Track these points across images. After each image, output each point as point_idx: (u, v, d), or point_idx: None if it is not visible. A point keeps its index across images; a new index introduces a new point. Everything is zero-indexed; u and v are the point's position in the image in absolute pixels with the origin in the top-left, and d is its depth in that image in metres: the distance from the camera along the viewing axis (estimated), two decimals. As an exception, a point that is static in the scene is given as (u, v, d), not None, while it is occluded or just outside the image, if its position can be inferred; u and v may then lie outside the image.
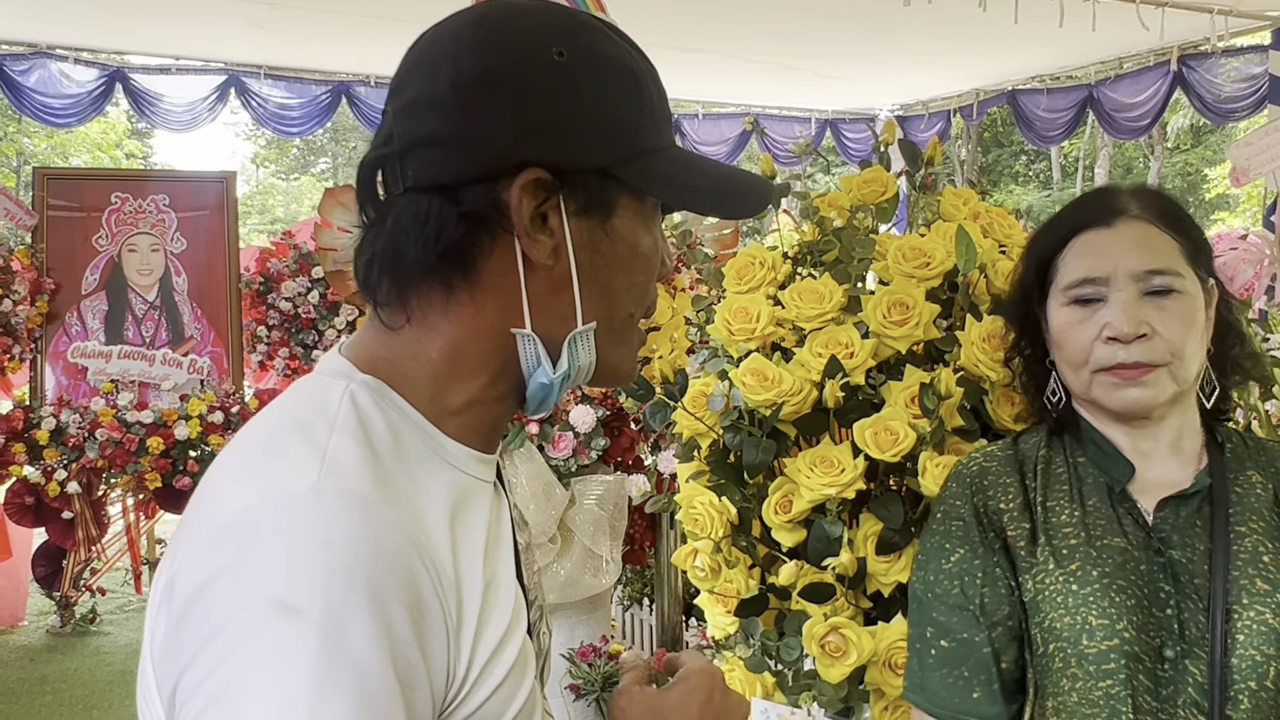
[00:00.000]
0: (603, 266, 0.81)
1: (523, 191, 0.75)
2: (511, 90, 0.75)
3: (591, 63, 0.78)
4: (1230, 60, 6.60)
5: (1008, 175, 20.19)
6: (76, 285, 4.64)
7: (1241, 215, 15.29)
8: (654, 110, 0.82)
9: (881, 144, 1.85)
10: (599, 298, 0.81)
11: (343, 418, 0.74)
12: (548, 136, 0.76)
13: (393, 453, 0.75)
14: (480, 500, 0.81)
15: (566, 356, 0.81)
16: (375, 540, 0.67)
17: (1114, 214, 1.24)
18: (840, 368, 1.50)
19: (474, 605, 0.74)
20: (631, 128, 0.80)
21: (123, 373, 4.60)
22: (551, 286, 0.80)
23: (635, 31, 0.88)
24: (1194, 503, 1.20)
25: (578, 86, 0.77)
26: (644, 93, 0.81)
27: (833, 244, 1.69)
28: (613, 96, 0.78)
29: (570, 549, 2.83)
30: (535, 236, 0.77)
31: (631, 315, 0.85)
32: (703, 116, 8.47)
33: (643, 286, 0.85)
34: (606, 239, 0.80)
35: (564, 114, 0.76)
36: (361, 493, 0.69)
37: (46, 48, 6.47)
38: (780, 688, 1.59)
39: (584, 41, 0.79)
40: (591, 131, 0.78)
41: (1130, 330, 1.18)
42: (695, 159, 0.86)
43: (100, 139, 16.90)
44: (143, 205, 4.76)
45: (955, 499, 1.28)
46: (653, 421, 1.64)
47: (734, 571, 1.58)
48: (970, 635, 1.21)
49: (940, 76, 7.95)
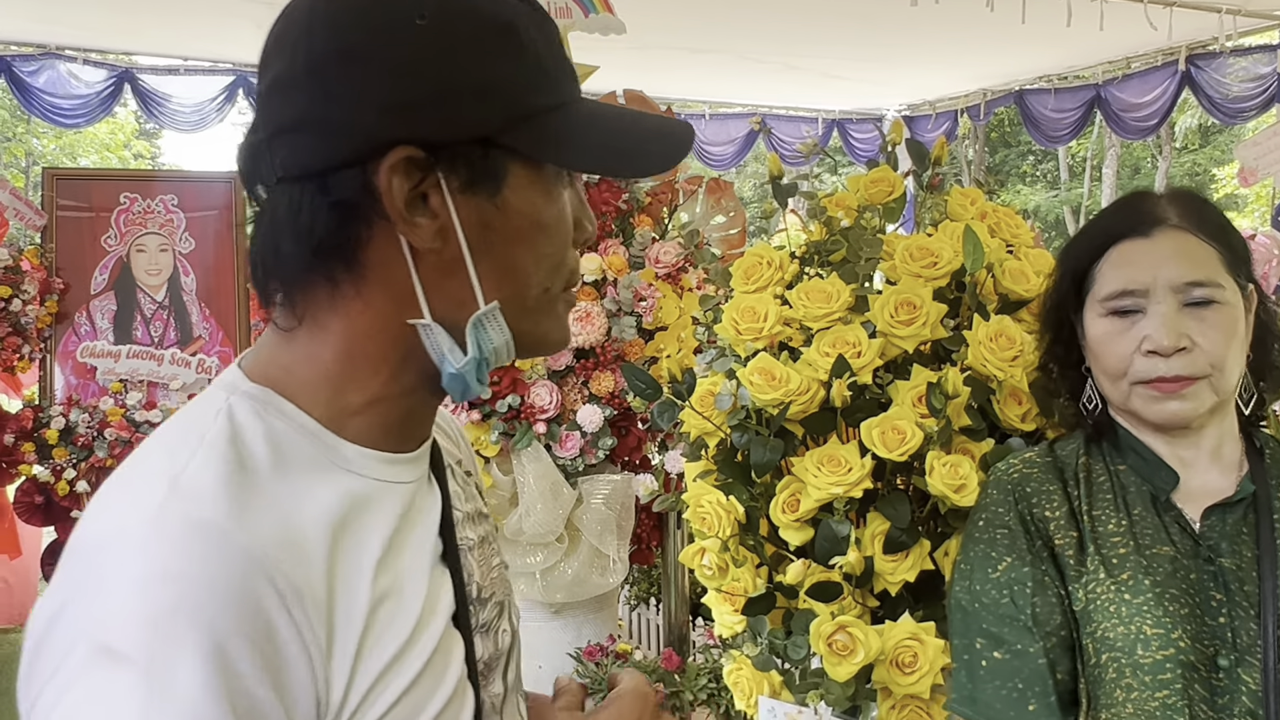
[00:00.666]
0: (499, 243, 0.75)
1: (392, 173, 0.70)
2: (370, 64, 0.69)
3: (458, 22, 0.71)
4: (1239, 60, 6.59)
5: (1015, 175, 20.15)
6: (85, 285, 4.65)
7: (1250, 215, 15.24)
8: (541, 64, 0.74)
9: (889, 144, 1.85)
10: (501, 276, 0.76)
11: (212, 435, 0.71)
12: (415, 111, 0.70)
13: (269, 467, 0.71)
14: (384, 504, 0.76)
15: (472, 341, 0.76)
16: (214, 572, 0.63)
17: (1152, 223, 1.22)
18: (848, 367, 1.50)
19: (354, 625, 0.70)
20: (512, 88, 0.72)
21: (131, 372, 4.62)
22: (444, 270, 0.74)
23: (641, 32, 0.85)
24: (1239, 510, 1.19)
25: (444, 51, 0.70)
26: (525, 47, 0.73)
27: (840, 244, 1.69)
28: (486, 57, 0.71)
29: (577, 548, 2.83)
30: (414, 220, 0.72)
31: (547, 290, 0.79)
32: (709, 117, 8.46)
33: (553, 258, 0.79)
34: (499, 214, 0.74)
35: (432, 84, 0.70)
36: (206, 519, 0.65)
37: (55, 49, 6.48)
38: (787, 686, 1.59)
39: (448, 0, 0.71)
40: (465, 99, 0.71)
41: (1170, 344, 1.16)
42: (601, 112, 0.79)
43: (108, 139, 16.94)
44: (151, 205, 4.77)
45: (998, 506, 1.26)
46: (660, 420, 1.64)
47: (741, 570, 1.58)
48: (1024, 646, 1.19)
49: (947, 76, 7.94)
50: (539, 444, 2.70)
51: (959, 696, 1.23)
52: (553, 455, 2.73)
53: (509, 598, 0.93)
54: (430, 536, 0.80)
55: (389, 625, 0.72)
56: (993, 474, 1.32)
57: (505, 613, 0.91)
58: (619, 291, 2.73)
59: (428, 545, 0.79)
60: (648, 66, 6.34)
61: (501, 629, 0.89)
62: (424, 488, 0.82)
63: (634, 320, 2.75)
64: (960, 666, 1.24)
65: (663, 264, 2.82)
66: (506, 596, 0.93)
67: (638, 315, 2.75)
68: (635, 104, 3.05)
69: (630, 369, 1.65)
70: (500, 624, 0.89)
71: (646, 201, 2.97)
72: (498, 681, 0.87)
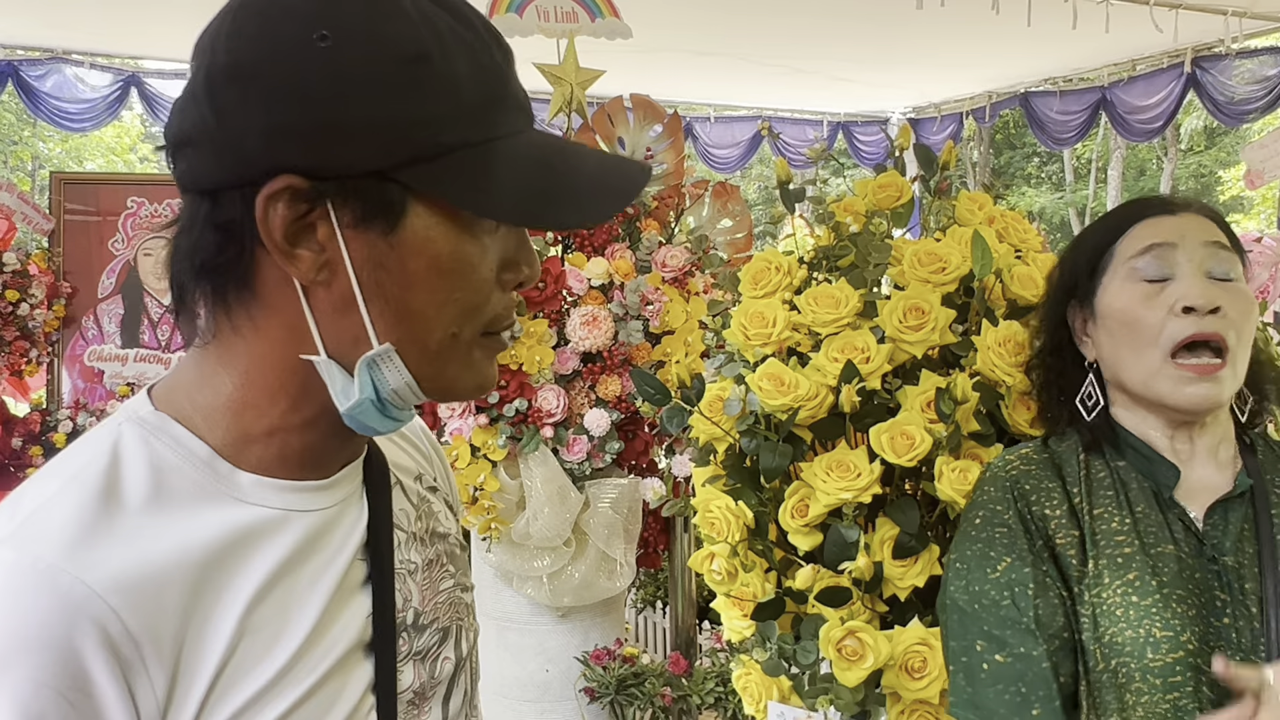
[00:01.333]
0: (392, 284, 0.69)
1: (270, 201, 0.66)
2: (262, 84, 0.65)
3: (362, 48, 0.65)
4: (1244, 62, 6.58)
5: (1020, 177, 20.12)
6: (93, 289, 4.67)
7: (1256, 218, 15.22)
8: (459, 97, 0.68)
9: (896, 148, 1.85)
10: (398, 318, 0.70)
11: (83, 465, 0.69)
12: (305, 138, 0.65)
13: (142, 500, 0.68)
14: (278, 533, 0.73)
15: (359, 382, 0.71)
16: (30, 619, 0.62)
17: (1176, 206, 1.24)
18: (856, 372, 1.50)
19: (209, 663, 0.68)
20: (414, 123, 0.66)
21: (139, 376, 4.63)
22: (336, 306, 0.70)
23: (647, 36, 0.82)
24: (1241, 508, 1.18)
25: (339, 78, 0.65)
26: (440, 79, 0.67)
27: (848, 249, 1.69)
28: (387, 88, 0.65)
29: (584, 552, 2.83)
30: (294, 252, 0.67)
31: (455, 335, 0.73)
32: (714, 120, 8.47)
33: (463, 303, 0.72)
34: (392, 253, 0.69)
35: (320, 111, 0.65)
36: (40, 557, 0.64)
37: (62, 53, 6.51)
38: (797, 691, 1.59)
39: (356, 22, 0.66)
40: (357, 131, 0.65)
41: (1206, 301, 1.15)
42: (534, 152, 0.72)
43: (115, 143, 16.98)
44: (158, 209, 4.78)
45: (996, 504, 1.24)
46: (669, 426, 1.64)
47: (750, 575, 1.58)
48: (1027, 649, 1.15)
49: (952, 79, 7.95)
50: (546, 448, 2.71)
51: (959, 700, 1.20)
52: (560, 459, 2.74)
53: (460, 623, 0.89)
54: (340, 563, 0.77)
55: (259, 658, 0.70)
56: (989, 470, 1.29)
57: (451, 639, 0.87)
58: (626, 295, 2.73)
59: (333, 572, 0.76)
60: (654, 70, 6.34)
61: (443, 656, 0.85)
62: (347, 512, 0.79)
63: (641, 324, 2.75)
64: (959, 670, 1.21)
65: (669, 268, 2.82)
66: (455, 622, 0.88)
67: (645, 319, 2.76)
68: (641, 108, 3.06)
69: (639, 374, 1.65)
70: (442, 651, 0.85)
71: (653, 205, 2.98)
72: (434, 711, 0.84)
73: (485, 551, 2.85)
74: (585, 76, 3.08)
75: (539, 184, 0.71)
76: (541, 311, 2.69)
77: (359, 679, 0.76)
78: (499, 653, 2.95)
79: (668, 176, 3.07)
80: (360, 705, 0.75)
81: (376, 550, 0.80)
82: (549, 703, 2.90)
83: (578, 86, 3.07)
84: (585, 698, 2.84)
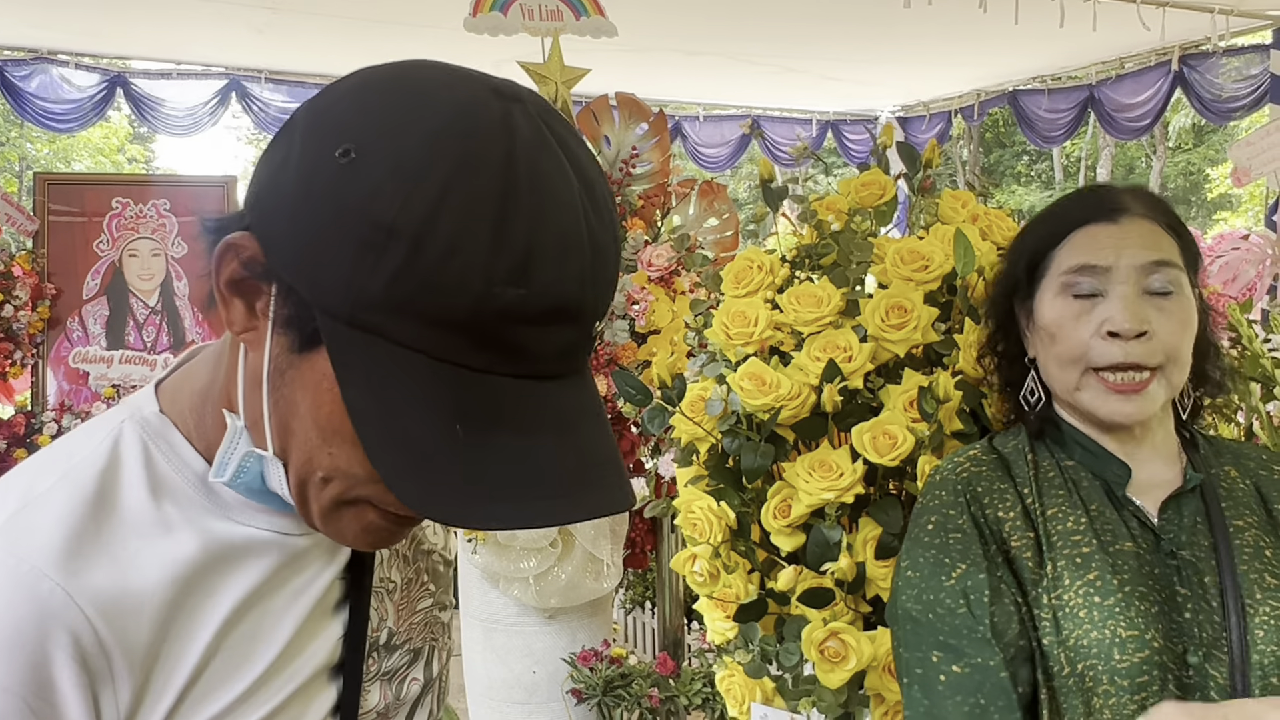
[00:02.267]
0: (283, 399, 0.66)
1: (225, 248, 0.64)
2: (280, 158, 0.64)
3: (354, 185, 0.60)
4: (1231, 60, 6.60)
5: (1010, 176, 20.17)
6: (78, 290, 4.64)
7: (1244, 215, 15.27)
8: (400, 288, 0.59)
9: (880, 146, 1.84)
10: (279, 430, 0.67)
11: (80, 464, 0.69)
12: (271, 220, 0.64)
13: (136, 510, 0.69)
14: (260, 554, 0.73)
15: (234, 468, 0.69)
16: (3, 620, 0.62)
17: (1118, 211, 1.20)
18: (838, 372, 1.49)
19: (178, 678, 0.68)
20: (345, 284, 0.60)
21: (124, 377, 4.60)
22: (252, 378, 0.68)
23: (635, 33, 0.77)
24: (1192, 501, 1.17)
25: (326, 197, 0.60)
26: (391, 259, 0.58)
27: (831, 247, 1.68)
28: (348, 235, 0.59)
29: (571, 553, 2.82)
30: (231, 300, 0.66)
31: (324, 480, 0.67)
32: (704, 118, 8.46)
33: (310, 452, 0.66)
34: (291, 369, 0.65)
35: (295, 210, 0.62)
36: (24, 559, 0.64)
37: (48, 53, 6.48)
38: (780, 693, 1.59)
39: (375, 159, 0.60)
40: (308, 250, 0.61)
41: (1132, 326, 1.13)
42: (493, 404, 0.61)
43: (102, 144, 16.92)
44: (143, 210, 4.76)
45: (948, 508, 1.20)
46: (651, 426, 1.63)
47: (733, 576, 1.57)
48: (984, 659, 1.11)
49: (941, 77, 7.95)
50: (532, 449, 2.69)
51: (916, 714, 1.15)
52: (546, 460, 2.72)
53: (433, 643, 0.89)
54: (318, 586, 0.77)
55: (227, 676, 0.70)
56: (937, 473, 1.25)
57: (422, 660, 0.88)
58: (611, 295, 2.72)
59: (309, 596, 0.76)
60: (641, 69, 6.34)
61: (410, 677, 0.87)
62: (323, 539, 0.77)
63: (627, 324, 2.74)
64: (913, 682, 1.16)
65: (655, 267, 2.81)
66: (429, 642, 0.89)
67: (630, 319, 2.74)
68: (626, 107, 3.05)
69: (621, 375, 1.64)
70: (410, 672, 0.87)
71: (639, 204, 2.96)
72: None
73: (471, 553, 2.84)
74: (570, 75, 3.07)
75: (431, 434, 0.60)
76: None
77: (322, 703, 0.77)
78: (485, 654, 2.94)
79: (654, 176, 3.06)
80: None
81: (357, 573, 0.80)
82: (536, 704, 2.89)
83: (563, 85, 3.05)
84: (573, 699, 2.83)
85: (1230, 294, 3.18)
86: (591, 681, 2.80)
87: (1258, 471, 1.22)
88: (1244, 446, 1.28)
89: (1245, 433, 1.68)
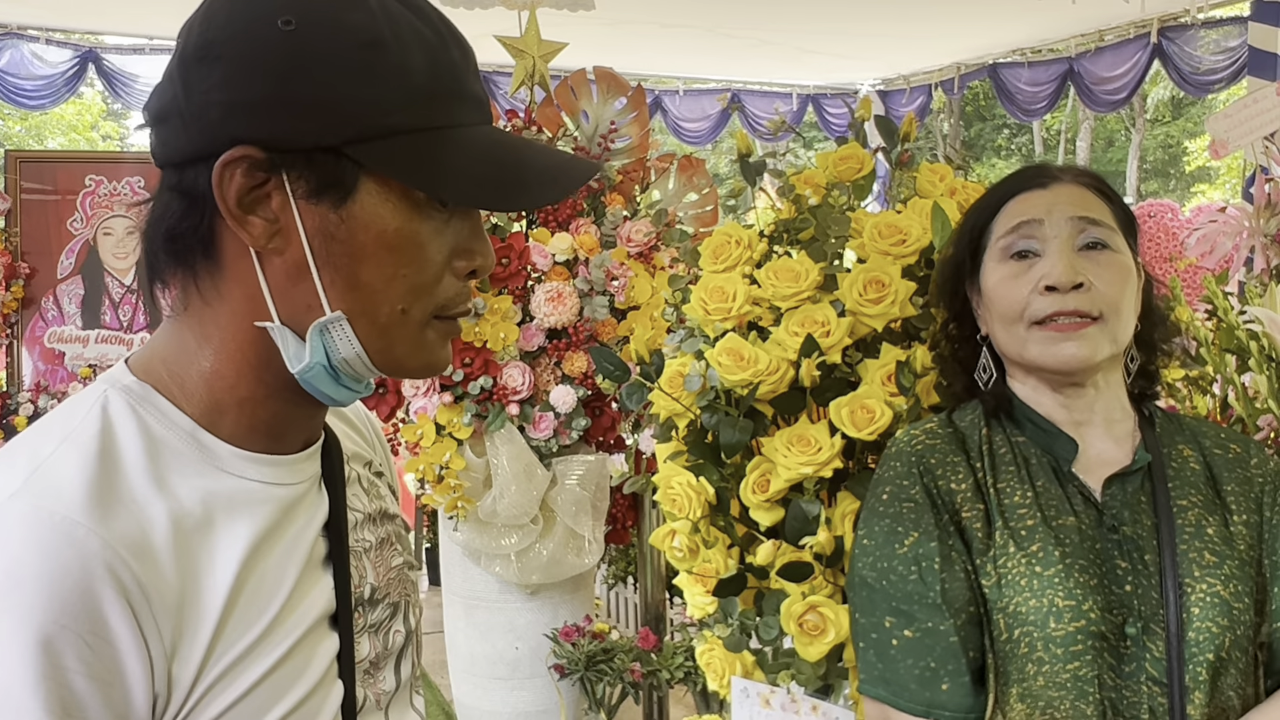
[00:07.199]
0: (341, 255, 0.74)
1: (225, 169, 0.71)
2: (227, 63, 0.71)
3: (322, 32, 0.71)
4: (1209, 32, 6.61)
5: (990, 149, 20.20)
6: (52, 269, 4.59)
7: (1221, 187, 15.34)
8: (411, 84, 0.73)
9: (858, 120, 1.83)
10: (346, 289, 0.75)
11: (77, 428, 0.72)
12: (261, 112, 0.71)
13: (136, 463, 0.72)
14: (257, 506, 0.77)
15: (311, 347, 0.75)
16: (52, 566, 0.65)
17: (1048, 178, 1.26)
18: (816, 346, 1.49)
19: (207, 623, 0.71)
20: (366, 105, 0.72)
21: (101, 357, 4.56)
22: (289, 274, 0.74)
23: (611, 8, 0.85)
24: (1137, 479, 1.20)
25: (297, 57, 0.70)
26: (395, 65, 0.72)
27: (809, 222, 1.68)
28: (343, 70, 0.71)
29: (552, 529, 2.82)
30: (246, 219, 0.72)
31: (404, 311, 0.77)
32: (684, 93, 8.43)
33: (410, 281, 0.76)
34: (343, 225, 0.73)
35: (278, 88, 0.70)
36: (55, 511, 0.67)
37: (17, 28, 6.39)
38: (759, 666, 1.59)
39: (320, 11, 0.72)
40: (312, 109, 0.71)
41: (1067, 279, 1.17)
42: (485, 143, 0.77)
43: (76, 120, 16.71)
44: (117, 188, 4.70)
45: (902, 479, 1.24)
46: (629, 402, 1.63)
47: (712, 551, 1.57)
48: (935, 624, 1.16)
49: (921, 51, 7.94)
50: (512, 425, 2.69)
51: (870, 677, 1.19)
52: (526, 437, 2.72)
53: (408, 598, 0.94)
54: (307, 540, 0.81)
55: (244, 622, 0.74)
56: (893, 445, 1.29)
57: (400, 613, 0.92)
58: (590, 271, 2.71)
59: (302, 548, 0.80)
60: (619, 42, 6.29)
61: (394, 629, 0.91)
62: (310, 491, 0.83)
63: (606, 300, 2.73)
64: (868, 646, 1.20)
65: (634, 243, 2.80)
66: (404, 597, 0.93)
67: (610, 295, 2.74)
68: (604, 81, 3.03)
69: (598, 351, 1.63)
70: (393, 624, 0.91)
71: (618, 180, 2.95)
72: (388, 678, 0.89)
73: (453, 530, 2.84)
74: (548, 49, 3.04)
75: (487, 170, 0.76)
76: (506, 288, 2.67)
77: (326, 649, 0.80)
78: (468, 631, 2.95)
79: (632, 150, 3.04)
80: (327, 674, 0.80)
81: (336, 529, 0.84)
82: (519, 680, 2.90)
83: (540, 59, 3.03)
84: (555, 674, 2.83)
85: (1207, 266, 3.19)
86: (574, 657, 2.81)
87: (1213, 450, 1.25)
88: (1203, 425, 1.30)
89: (1220, 404, 1.69)
